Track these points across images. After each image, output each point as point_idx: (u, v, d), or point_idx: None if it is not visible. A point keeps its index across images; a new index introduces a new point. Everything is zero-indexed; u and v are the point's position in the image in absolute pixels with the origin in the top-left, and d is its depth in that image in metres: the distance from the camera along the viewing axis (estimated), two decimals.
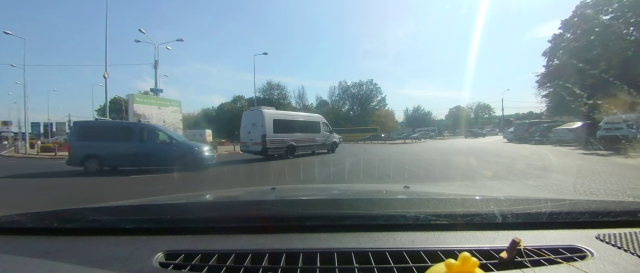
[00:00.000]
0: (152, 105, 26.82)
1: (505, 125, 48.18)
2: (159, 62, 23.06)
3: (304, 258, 0.63)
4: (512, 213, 0.79)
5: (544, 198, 0.94)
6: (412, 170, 7.90)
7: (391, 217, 0.79)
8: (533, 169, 7.82)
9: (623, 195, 4.15)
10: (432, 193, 1.28)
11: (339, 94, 65.80)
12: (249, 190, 1.99)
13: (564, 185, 5.33)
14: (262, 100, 61.08)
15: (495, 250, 0.63)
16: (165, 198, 1.31)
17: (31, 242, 0.74)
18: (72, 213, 0.86)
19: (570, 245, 0.66)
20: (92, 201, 3.19)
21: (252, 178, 7.82)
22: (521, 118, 45.16)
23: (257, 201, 1.21)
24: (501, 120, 53.58)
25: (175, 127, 29.13)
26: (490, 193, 1.40)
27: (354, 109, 65.03)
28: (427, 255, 0.62)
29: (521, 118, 45.16)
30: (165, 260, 0.64)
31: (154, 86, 26.19)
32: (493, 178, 6.48)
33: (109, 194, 5.95)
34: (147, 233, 0.76)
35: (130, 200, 1.13)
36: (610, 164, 8.42)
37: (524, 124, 23.84)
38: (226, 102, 65.62)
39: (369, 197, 1.24)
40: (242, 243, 0.70)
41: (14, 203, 4.97)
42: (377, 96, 65.48)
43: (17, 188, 7.13)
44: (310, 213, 0.83)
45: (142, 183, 7.09)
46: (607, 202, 0.90)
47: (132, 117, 25.09)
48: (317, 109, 67.26)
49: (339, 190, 1.68)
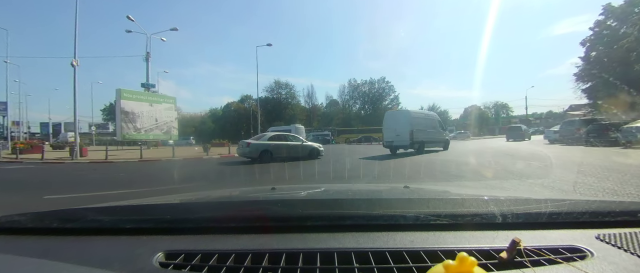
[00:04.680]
0: (142, 101, 24.39)
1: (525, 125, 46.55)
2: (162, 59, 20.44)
3: (304, 258, 0.63)
4: (512, 213, 0.79)
5: (544, 198, 0.96)
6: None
7: (391, 217, 0.79)
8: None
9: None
10: (432, 193, 1.31)
11: (348, 92, 63.34)
12: (249, 190, 2.00)
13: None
14: (269, 99, 58.75)
15: (495, 250, 0.63)
16: (165, 198, 1.33)
17: (31, 242, 0.74)
18: (72, 213, 0.86)
19: (570, 245, 0.66)
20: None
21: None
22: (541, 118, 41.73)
23: (257, 201, 1.21)
24: (519, 120, 50.70)
25: (169, 126, 26.63)
26: (490, 193, 1.33)
27: (365, 108, 63.18)
28: (427, 255, 0.62)
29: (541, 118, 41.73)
30: (165, 260, 0.64)
31: (146, 80, 23.48)
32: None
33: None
34: (147, 233, 0.75)
35: (130, 200, 1.13)
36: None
37: (573, 122, 20.01)
38: (233, 102, 63.48)
39: (369, 197, 1.26)
40: (242, 243, 0.70)
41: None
42: (389, 95, 63.12)
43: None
44: (310, 213, 0.83)
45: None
46: (607, 202, 0.90)
47: (119, 114, 22.70)
48: (327, 108, 64.86)
49: (339, 190, 1.70)
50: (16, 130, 47.25)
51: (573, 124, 19.50)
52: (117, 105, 23.20)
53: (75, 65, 14.92)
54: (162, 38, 26.17)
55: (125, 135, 23.86)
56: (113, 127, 46.58)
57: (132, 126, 23.96)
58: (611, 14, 23.43)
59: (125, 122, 23.39)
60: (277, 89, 61.33)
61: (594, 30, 24.88)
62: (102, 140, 41.23)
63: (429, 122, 15.93)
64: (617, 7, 22.82)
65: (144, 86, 25.62)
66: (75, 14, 15.31)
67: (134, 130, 24.19)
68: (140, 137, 23.93)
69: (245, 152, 11.79)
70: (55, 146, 25.61)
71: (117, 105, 23.20)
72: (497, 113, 66.79)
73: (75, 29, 15.50)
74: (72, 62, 14.90)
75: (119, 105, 22.89)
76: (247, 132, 42.98)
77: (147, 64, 24.38)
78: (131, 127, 23.94)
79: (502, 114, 66.65)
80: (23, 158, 15.35)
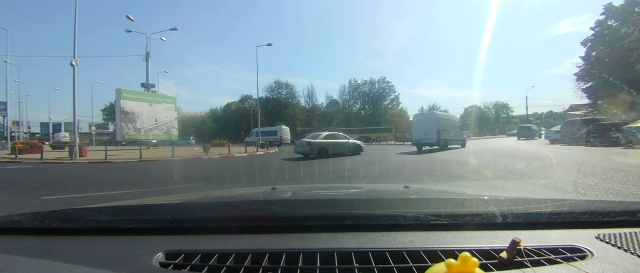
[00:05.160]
0: (142, 101, 24.35)
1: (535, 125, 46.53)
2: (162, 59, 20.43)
3: (304, 258, 0.63)
4: (512, 213, 0.78)
5: (544, 198, 0.97)
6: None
7: (391, 217, 0.78)
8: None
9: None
10: (432, 193, 1.32)
11: (349, 92, 63.32)
12: (249, 190, 2.00)
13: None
14: (270, 99, 58.68)
15: (495, 250, 0.63)
16: (166, 198, 1.34)
17: (31, 242, 0.74)
18: (72, 213, 0.87)
19: (570, 245, 0.66)
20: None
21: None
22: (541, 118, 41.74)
23: (257, 201, 1.21)
24: (520, 120, 50.92)
25: (169, 126, 26.61)
26: (490, 193, 1.34)
27: (365, 108, 63.37)
28: (427, 255, 0.62)
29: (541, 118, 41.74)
30: (165, 260, 0.64)
31: (146, 80, 23.41)
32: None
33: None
34: (147, 233, 0.75)
35: (130, 200, 1.15)
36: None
37: (574, 122, 19.91)
38: (233, 102, 63.43)
39: (369, 197, 1.26)
40: (242, 243, 0.70)
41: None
42: (390, 94, 63.25)
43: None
44: (310, 213, 0.83)
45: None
46: (607, 202, 0.89)
47: (119, 114, 22.67)
48: (327, 108, 64.82)
49: (339, 190, 1.71)
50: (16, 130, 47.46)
51: (574, 124, 19.41)
52: (117, 105, 23.16)
53: (74, 64, 14.85)
54: (162, 38, 26.18)
55: (125, 135, 23.84)
56: (113, 127, 46.57)
57: (132, 126, 23.92)
58: (612, 14, 23.40)
59: (125, 122, 23.36)
60: (277, 89, 61.34)
61: (595, 30, 24.86)
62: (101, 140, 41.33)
63: (451, 123, 17.92)
64: (618, 6, 22.78)
65: (143, 86, 25.60)
66: (74, 13, 15.30)
67: (134, 130, 24.16)
68: (140, 137, 23.91)
69: (306, 150, 13.32)
70: (54, 146, 25.59)
71: (117, 105, 23.16)
72: (498, 113, 66.78)
73: (75, 28, 15.47)
74: (71, 61, 14.83)
75: (118, 105, 22.86)
76: (247, 133, 42.94)
77: (147, 63, 24.38)
78: (131, 127, 23.90)
79: (503, 113, 66.67)
80: (22, 158, 15.32)
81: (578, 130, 17.94)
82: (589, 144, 15.59)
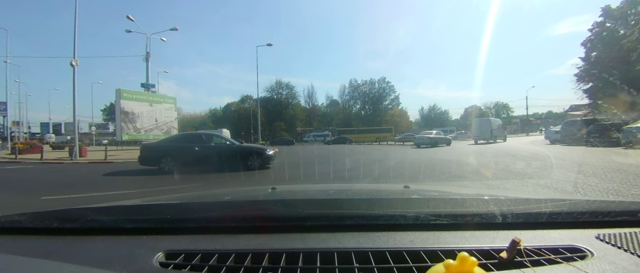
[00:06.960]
0: (142, 101, 24.31)
1: (525, 125, 46.91)
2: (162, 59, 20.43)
3: (304, 258, 0.63)
4: (512, 213, 0.78)
5: (544, 198, 0.97)
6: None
7: (391, 217, 0.78)
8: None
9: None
10: (432, 193, 1.30)
11: (349, 92, 63.36)
12: (249, 190, 2.00)
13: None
14: (270, 100, 58.64)
15: (495, 250, 0.63)
16: (166, 198, 1.33)
17: (31, 242, 0.74)
18: (72, 213, 0.86)
19: (570, 245, 0.66)
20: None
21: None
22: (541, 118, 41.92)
23: (257, 201, 1.21)
24: (520, 120, 51.76)
25: (169, 126, 26.57)
26: (490, 193, 1.33)
27: (365, 108, 63.44)
28: (427, 255, 0.62)
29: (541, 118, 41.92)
30: (165, 260, 0.63)
31: (146, 80, 23.37)
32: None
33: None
34: (147, 233, 0.75)
35: (130, 200, 1.14)
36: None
37: (574, 122, 19.86)
38: (233, 102, 63.44)
39: (369, 197, 1.26)
40: (242, 243, 0.70)
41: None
42: (390, 95, 63.32)
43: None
44: (310, 213, 0.83)
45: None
46: (607, 202, 0.89)
47: (119, 114, 22.63)
48: (327, 108, 64.79)
49: (339, 190, 1.69)
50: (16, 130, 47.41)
51: (574, 124, 19.33)
52: (117, 106, 23.11)
53: (74, 65, 14.87)
54: (162, 38, 26.16)
55: (125, 135, 23.84)
56: (113, 127, 46.61)
57: (132, 126, 23.92)
58: (610, 17, 23.48)
59: (125, 122, 23.36)
60: (277, 89, 61.41)
61: (593, 31, 24.95)
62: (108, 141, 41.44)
63: (498, 125, 25.37)
64: (615, 8, 22.88)
65: (143, 86, 25.57)
66: (74, 13, 15.30)
67: (134, 130, 24.15)
68: (140, 137, 23.91)
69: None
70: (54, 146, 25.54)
71: (117, 106, 23.11)
72: (498, 113, 66.77)
73: (75, 28, 15.49)
74: (71, 61, 14.85)
75: (118, 106, 22.82)
76: (247, 133, 42.92)
77: (147, 64, 24.35)
78: (131, 127, 23.90)
79: (503, 114, 66.72)
80: (22, 158, 15.34)
81: (578, 130, 17.93)
82: (589, 144, 15.53)
